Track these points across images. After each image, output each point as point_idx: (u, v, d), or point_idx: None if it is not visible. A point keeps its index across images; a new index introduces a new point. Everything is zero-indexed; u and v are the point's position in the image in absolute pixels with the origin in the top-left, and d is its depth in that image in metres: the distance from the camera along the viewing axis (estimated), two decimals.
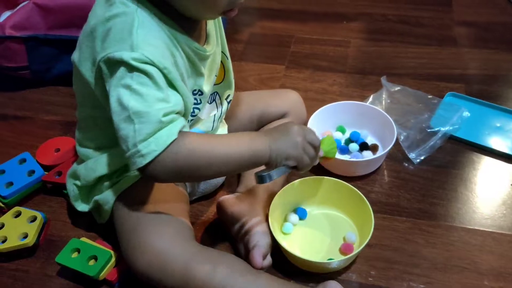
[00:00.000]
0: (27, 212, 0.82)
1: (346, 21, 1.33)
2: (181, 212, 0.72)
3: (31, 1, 1.06)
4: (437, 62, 1.18)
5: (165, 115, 0.58)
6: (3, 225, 0.80)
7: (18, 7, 1.08)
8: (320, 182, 0.82)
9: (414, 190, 0.88)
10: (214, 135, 0.69)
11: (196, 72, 0.68)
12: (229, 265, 0.64)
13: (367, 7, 1.38)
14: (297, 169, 0.68)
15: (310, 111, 0.96)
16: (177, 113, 0.60)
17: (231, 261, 0.66)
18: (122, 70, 0.58)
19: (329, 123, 0.98)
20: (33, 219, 0.81)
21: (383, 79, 1.06)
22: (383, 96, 1.04)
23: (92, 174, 0.73)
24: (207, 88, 0.71)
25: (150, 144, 0.57)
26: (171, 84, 0.61)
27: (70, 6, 1.06)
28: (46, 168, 0.91)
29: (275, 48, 1.25)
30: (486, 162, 0.92)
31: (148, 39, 0.59)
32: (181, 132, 0.60)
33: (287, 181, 0.84)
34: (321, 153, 0.72)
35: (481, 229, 0.80)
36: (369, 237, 0.72)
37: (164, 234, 0.65)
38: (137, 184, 0.72)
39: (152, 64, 0.58)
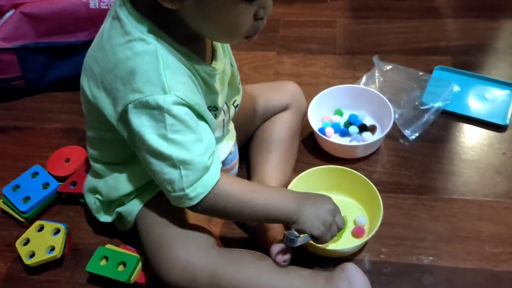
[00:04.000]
0: (49, 225, 0.85)
1: None
2: (202, 218, 0.75)
3: (17, 10, 1.05)
4: (422, 35, 1.21)
5: (209, 158, 0.62)
6: (28, 240, 0.83)
7: (4, 18, 1.07)
8: (326, 170, 0.87)
9: (414, 167, 0.93)
10: (259, 185, 0.72)
11: (211, 91, 0.69)
12: (254, 265, 0.69)
13: None
14: (316, 241, 0.71)
15: (306, 96, 0.99)
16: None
17: (255, 261, 0.70)
18: (155, 115, 0.59)
19: (327, 107, 1.01)
20: (57, 231, 0.84)
21: (375, 59, 1.09)
22: (376, 75, 1.08)
23: (114, 192, 0.75)
24: (221, 102, 0.73)
25: (197, 188, 0.62)
26: (201, 116, 0.64)
27: (59, 12, 1.05)
28: (59, 179, 0.93)
29: (264, 34, 1.25)
30: (478, 133, 0.98)
31: (176, 77, 0.60)
32: (221, 173, 0.64)
33: (296, 173, 0.89)
34: None
35: (479, 198, 0.87)
36: (379, 223, 0.77)
37: (189, 247, 0.68)
38: (158, 196, 0.74)
39: (185, 103, 0.60)
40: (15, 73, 1.10)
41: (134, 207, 0.75)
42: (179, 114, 0.60)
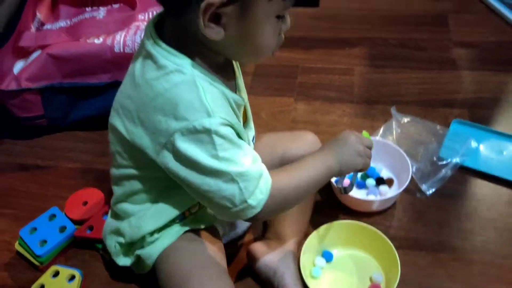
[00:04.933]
0: (64, 271, 0.85)
1: (348, 47, 1.37)
2: (221, 265, 0.76)
3: (44, 51, 1.08)
4: (440, 87, 1.22)
5: (259, 166, 0.65)
6: (43, 286, 0.83)
7: (31, 58, 1.10)
8: (343, 226, 0.87)
9: (431, 223, 0.92)
10: (292, 166, 0.75)
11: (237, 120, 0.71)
12: None
13: (367, 31, 1.42)
14: (362, 170, 0.79)
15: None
16: None
17: None
18: (204, 139, 0.61)
19: None
20: (71, 277, 0.84)
21: (393, 110, 1.10)
22: (393, 126, 1.09)
23: (138, 232, 0.75)
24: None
25: (256, 195, 0.64)
26: (239, 136, 0.66)
27: (84, 55, 1.07)
28: (76, 222, 0.94)
29: (283, 80, 1.29)
30: (496, 190, 0.97)
31: (216, 101, 0.63)
32: (270, 174, 0.67)
33: (312, 223, 0.89)
34: None
35: (498, 260, 0.85)
36: (396, 283, 0.76)
37: None
38: (178, 241, 0.75)
39: (229, 124, 0.63)
40: (37, 112, 1.12)
41: (154, 250, 0.76)
42: (226, 133, 0.62)
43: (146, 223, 0.75)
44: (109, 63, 1.09)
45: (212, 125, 0.61)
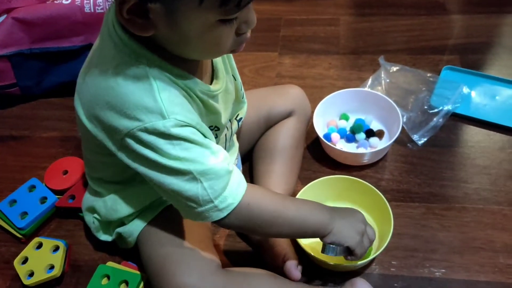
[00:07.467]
0: (48, 242, 0.82)
1: None
2: (205, 239, 0.72)
3: (9, 16, 1.01)
4: (429, 33, 1.17)
5: (229, 164, 0.59)
6: (26, 259, 0.80)
7: None
8: (333, 180, 0.84)
9: (423, 174, 0.90)
10: (291, 197, 0.70)
11: (211, 111, 0.65)
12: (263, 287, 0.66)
13: None
14: (350, 254, 0.68)
15: (311, 99, 0.96)
16: None
17: (263, 282, 0.67)
18: (160, 142, 0.56)
19: (333, 112, 0.98)
20: (56, 248, 0.81)
21: (381, 60, 1.06)
22: (382, 76, 1.05)
23: (113, 214, 0.72)
24: (224, 121, 0.70)
25: (226, 198, 0.58)
26: (204, 135, 0.60)
27: (52, 17, 1.01)
28: (57, 192, 0.91)
29: (266, 34, 1.23)
30: (488, 137, 0.95)
31: (172, 99, 0.56)
32: (249, 184, 0.62)
33: (301, 181, 0.86)
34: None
35: (492, 207, 0.84)
36: (389, 237, 0.74)
37: (192, 271, 0.65)
38: (159, 217, 0.72)
39: (187, 125, 0.57)
40: (9, 81, 1.07)
41: (134, 228, 0.73)
42: (184, 134, 0.56)
43: (122, 207, 0.71)
44: (80, 24, 1.03)
45: (167, 128, 0.55)
